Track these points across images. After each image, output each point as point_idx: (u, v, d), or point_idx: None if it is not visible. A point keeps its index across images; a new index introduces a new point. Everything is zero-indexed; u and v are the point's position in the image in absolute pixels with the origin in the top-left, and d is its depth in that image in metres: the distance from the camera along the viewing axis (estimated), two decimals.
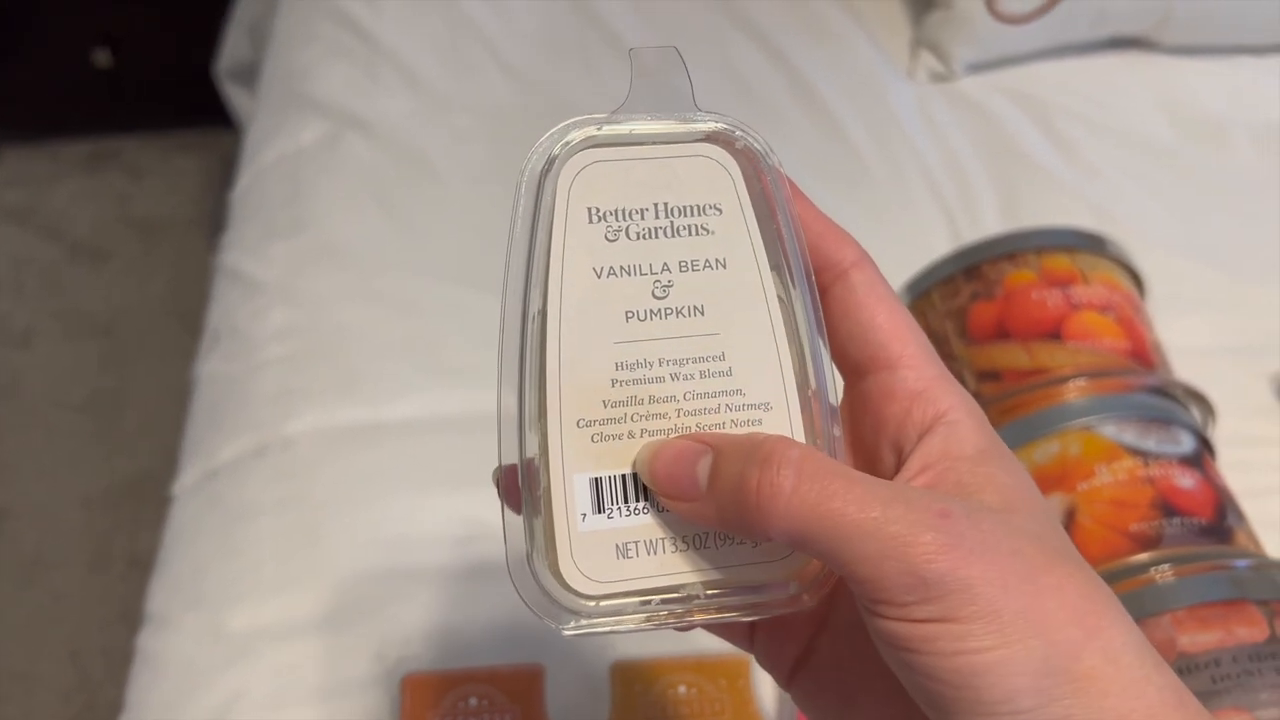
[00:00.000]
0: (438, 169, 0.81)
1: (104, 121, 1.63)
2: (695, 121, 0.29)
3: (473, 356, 0.69)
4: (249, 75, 1.13)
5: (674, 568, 0.26)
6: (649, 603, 0.26)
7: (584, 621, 0.26)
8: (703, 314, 0.27)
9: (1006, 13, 0.86)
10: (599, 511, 0.26)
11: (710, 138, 0.29)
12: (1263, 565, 0.48)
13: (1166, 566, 0.48)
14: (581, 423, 0.27)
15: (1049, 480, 0.51)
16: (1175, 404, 0.55)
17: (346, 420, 0.65)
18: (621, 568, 0.26)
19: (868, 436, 0.28)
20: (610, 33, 0.93)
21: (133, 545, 1.25)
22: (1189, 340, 0.66)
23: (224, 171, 0.98)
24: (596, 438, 0.27)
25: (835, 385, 0.28)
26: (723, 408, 0.27)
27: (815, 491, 0.23)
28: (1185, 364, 0.61)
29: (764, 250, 0.28)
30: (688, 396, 0.27)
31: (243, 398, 0.68)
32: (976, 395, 0.56)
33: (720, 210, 0.28)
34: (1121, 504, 0.50)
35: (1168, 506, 0.50)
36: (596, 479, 0.27)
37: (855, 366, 0.28)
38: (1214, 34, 0.90)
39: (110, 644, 1.18)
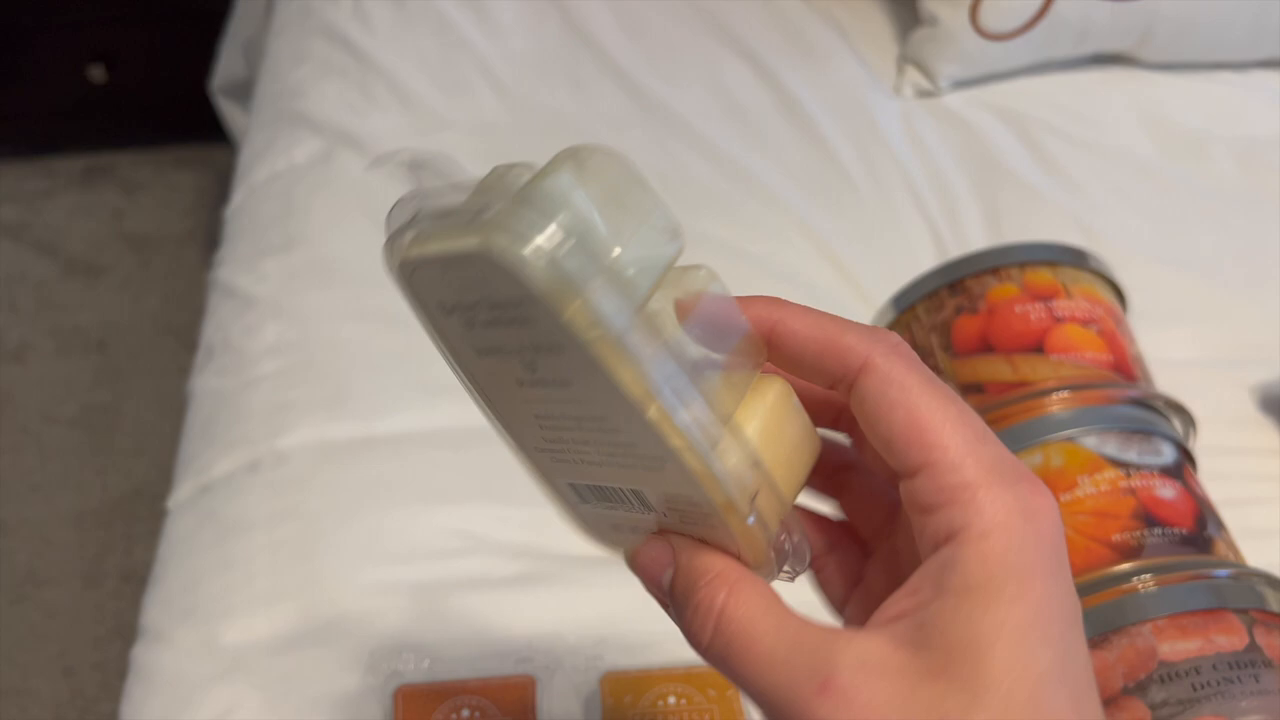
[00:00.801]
0: None
1: (99, 137, 1.64)
2: (483, 206, 0.26)
3: None
4: (243, 92, 1.14)
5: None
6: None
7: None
8: (569, 386, 0.26)
9: (990, 30, 0.88)
10: (585, 502, 0.31)
11: (491, 226, 0.25)
12: (1242, 574, 0.49)
13: (1148, 576, 0.48)
14: (538, 448, 0.30)
15: None
16: (1156, 416, 0.56)
17: (339, 435, 0.66)
18: (618, 538, 0.31)
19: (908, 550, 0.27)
20: (600, 53, 0.94)
21: (126, 561, 1.25)
22: (1171, 352, 0.67)
23: (219, 187, 0.99)
24: (555, 459, 0.30)
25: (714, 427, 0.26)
26: (626, 456, 0.27)
27: (722, 647, 0.25)
28: (1167, 376, 0.62)
29: (579, 319, 0.25)
30: (597, 445, 0.27)
31: (236, 413, 0.69)
32: None
33: (533, 300, 0.25)
34: (1103, 515, 0.51)
35: (1149, 517, 0.51)
36: (573, 484, 0.30)
37: (891, 469, 0.26)
38: (1194, 51, 0.92)
39: (104, 660, 1.18)
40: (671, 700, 0.52)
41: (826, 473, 0.30)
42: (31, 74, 1.55)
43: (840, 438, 0.30)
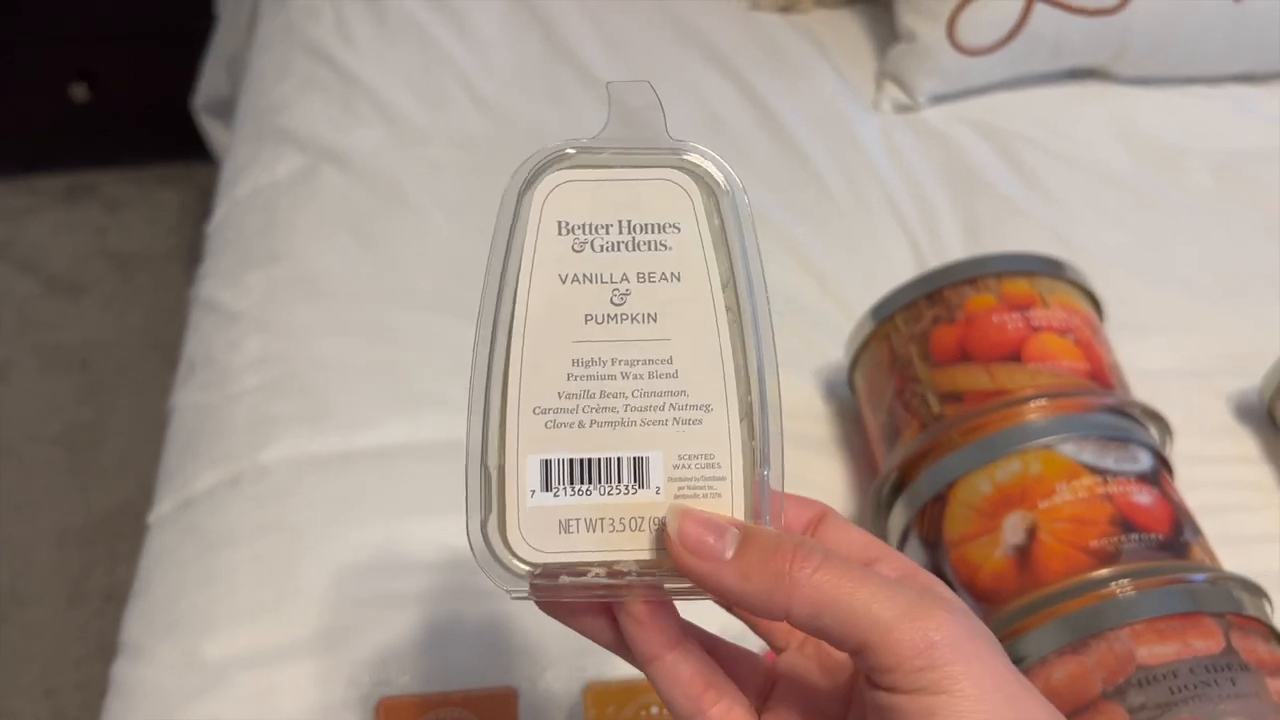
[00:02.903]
0: (412, 200, 0.83)
1: (82, 155, 1.64)
2: (664, 150, 0.32)
3: (446, 384, 0.70)
4: (226, 109, 1.14)
5: (612, 545, 0.30)
6: (585, 574, 0.30)
7: (520, 590, 0.30)
8: (655, 321, 0.30)
9: (967, 45, 0.89)
10: (546, 490, 0.30)
11: (675, 165, 0.32)
12: (1218, 579, 0.50)
13: (1126, 581, 0.49)
14: (537, 410, 0.30)
15: (1010, 499, 0.53)
16: (1133, 423, 0.57)
17: (321, 448, 0.66)
18: (564, 540, 0.30)
19: None
20: (581, 67, 0.95)
21: (109, 580, 1.24)
22: (1148, 362, 0.68)
23: (202, 205, 0.98)
24: (550, 424, 0.30)
25: (777, 392, 0.30)
26: (667, 406, 0.30)
27: (837, 571, 0.27)
28: (1145, 385, 0.62)
29: (716, 267, 0.31)
30: (635, 394, 0.30)
31: (218, 427, 0.69)
32: (939, 417, 0.57)
33: (678, 229, 0.31)
34: (1081, 521, 0.51)
35: (1126, 523, 0.51)
36: (546, 460, 0.30)
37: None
38: (1168, 66, 0.93)
39: (86, 680, 1.17)
40: (654, 710, 0.52)
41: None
42: (14, 92, 1.55)
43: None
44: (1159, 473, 0.55)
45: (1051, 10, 0.87)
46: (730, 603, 0.29)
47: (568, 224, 0.31)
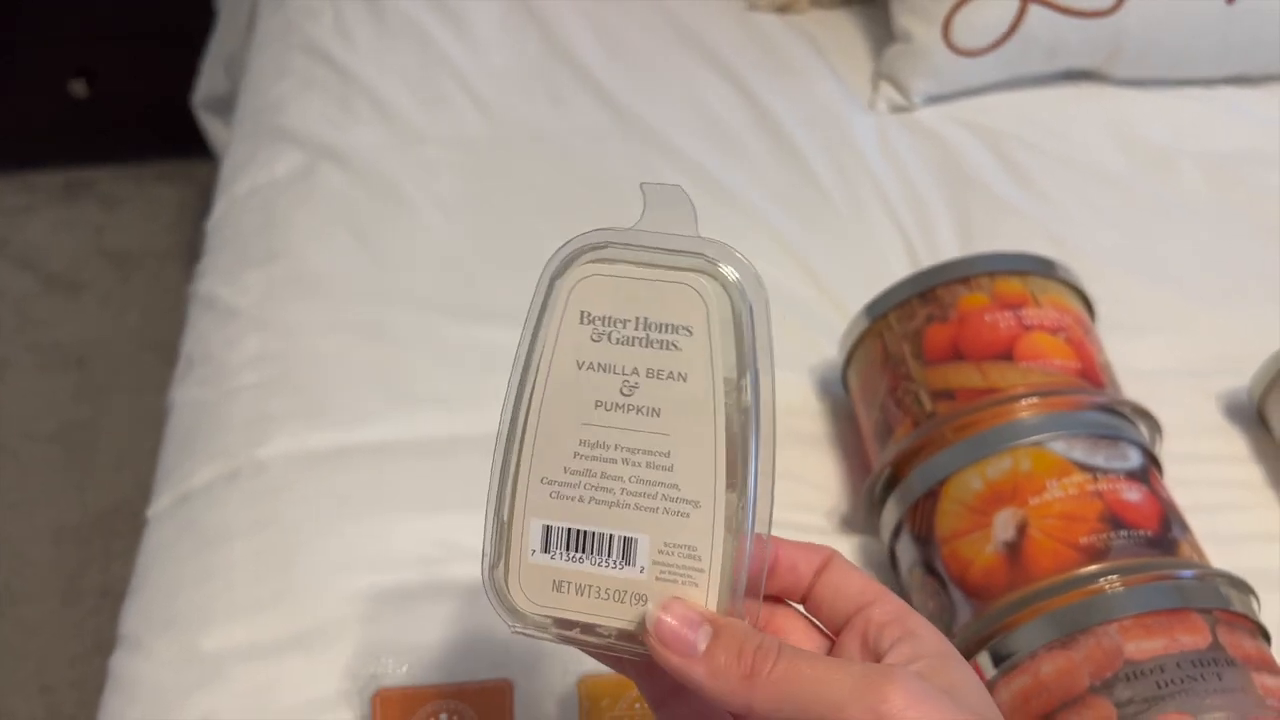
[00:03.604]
0: (409, 200, 0.83)
1: (80, 152, 1.64)
2: (692, 253, 0.33)
3: (442, 382, 0.70)
4: (225, 107, 1.15)
5: (597, 610, 0.33)
6: (570, 629, 0.33)
7: (519, 627, 0.33)
8: (658, 415, 0.33)
9: (962, 46, 0.89)
10: (545, 551, 0.33)
11: (701, 269, 0.33)
12: (1205, 575, 0.50)
13: (1115, 577, 0.49)
14: (545, 480, 0.33)
15: (1001, 495, 0.53)
16: (1123, 421, 0.57)
17: (318, 445, 0.66)
18: (555, 597, 0.33)
19: (853, 651, 0.34)
20: (580, 68, 0.95)
21: (105, 578, 1.25)
22: (1140, 362, 0.68)
23: (200, 202, 0.99)
24: (554, 495, 0.33)
25: (767, 491, 0.33)
26: (659, 495, 0.33)
27: (792, 664, 0.30)
28: (1136, 384, 0.63)
29: (722, 372, 0.33)
30: (632, 480, 0.33)
31: (216, 423, 0.69)
32: (932, 414, 0.58)
33: (690, 332, 0.33)
34: (1071, 517, 0.52)
35: (1115, 519, 0.52)
36: (548, 526, 0.33)
37: (845, 615, 0.34)
38: (1162, 67, 0.94)
39: (81, 677, 1.17)
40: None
41: None
42: (12, 89, 1.55)
43: None
44: (1148, 470, 0.55)
45: (1046, 12, 0.88)
46: (699, 694, 0.32)
47: (589, 315, 0.33)
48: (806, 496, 0.65)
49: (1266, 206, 0.86)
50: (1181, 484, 0.59)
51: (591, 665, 0.55)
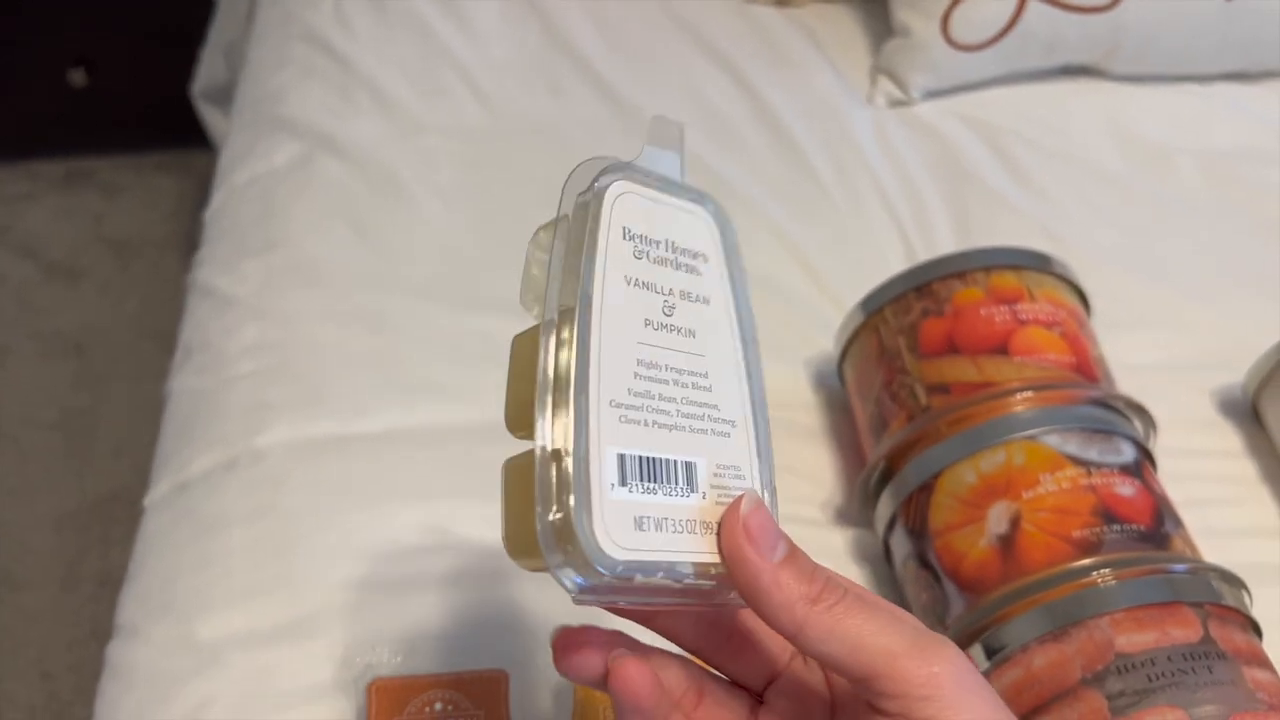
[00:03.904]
0: (409, 189, 0.83)
1: (80, 141, 1.64)
2: (687, 187, 0.35)
3: (440, 372, 0.70)
4: (225, 96, 1.15)
5: (673, 546, 0.30)
6: (654, 573, 0.29)
7: (592, 585, 0.28)
8: (694, 337, 0.33)
9: (961, 41, 0.89)
10: (623, 484, 0.29)
11: (699, 203, 0.35)
12: (1198, 569, 0.51)
13: (1107, 571, 0.50)
14: (614, 403, 0.30)
15: (995, 488, 0.53)
16: (1117, 416, 0.58)
17: (316, 434, 0.67)
18: (638, 537, 0.29)
19: None
20: (580, 60, 0.95)
21: (104, 564, 1.25)
22: (1134, 357, 0.69)
23: (200, 192, 0.99)
24: (623, 419, 0.30)
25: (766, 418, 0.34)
26: (705, 416, 0.32)
27: (854, 605, 0.30)
28: (1131, 379, 0.63)
29: (730, 297, 0.35)
30: (684, 401, 0.32)
31: (214, 411, 0.69)
32: (927, 408, 0.58)
33: (707, 259, 0.35)
34: (1064, 511, 0.52)
35: (1108, 514, 0.52)
36: (623, 455, 0.29)
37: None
38: (1160, 64, 0.94)
39: (80, 663, 1.18)
40: None
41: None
42: (12, 78, 1.55)
43: None
44: (1142, 465, 0.56)
45: (1045, 8, 0.88)
46: (754, 605, 0.30)
47: (630, 231, 0.32)
48: (801, 489, 0.65)
49: (1264, 203, 0.86)
50: (1175, 479, 0.59)
51: None
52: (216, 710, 0.55)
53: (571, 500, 0.28)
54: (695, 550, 0.30)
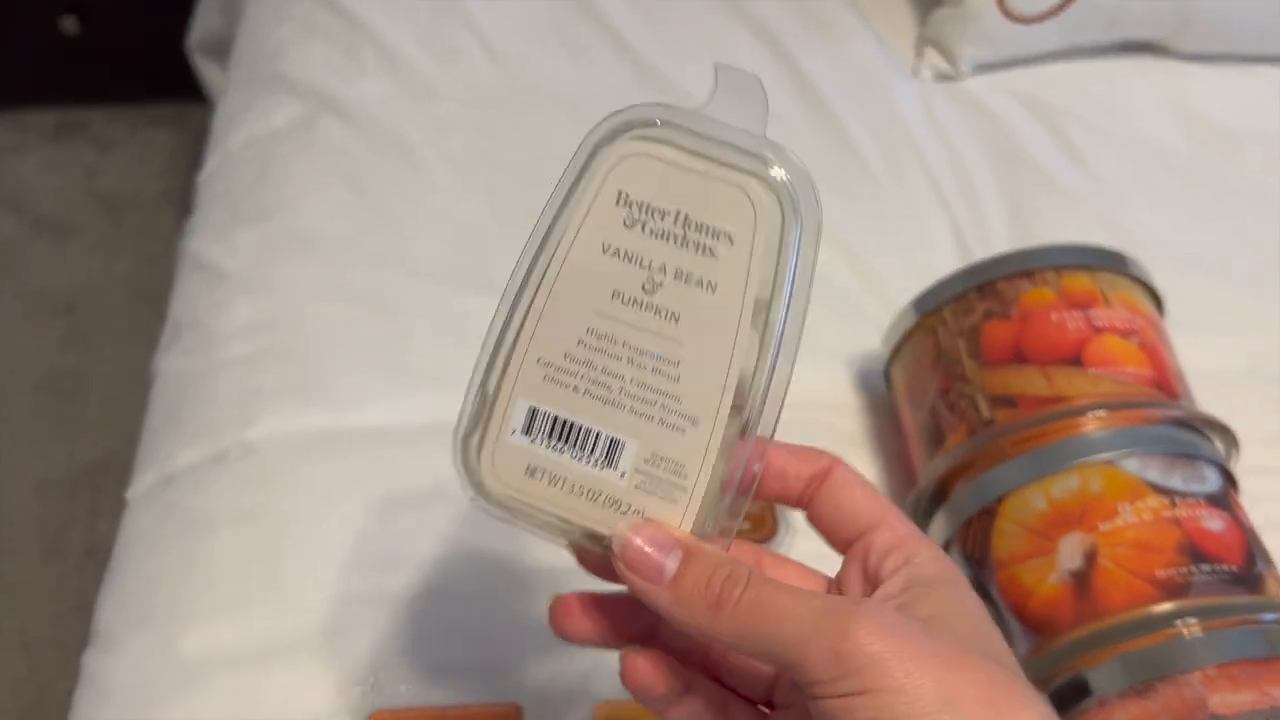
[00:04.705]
0: (418, 157, 0.77)
1: (71, 91, 1.58)
2: (752, 154, 0.31)
3: (447, 360, 0.64)
4: (222, 50, 1.08)
5: (566, 504, 0.31)
6: (534, 517, 0.32)
7: (481, 501, 0.32)
8: (676, 321, 0.31)
9: (1017, 12, 0.83)
10: (526, 434, 0.31)
11: (757, 173, 0.31)
12: None
13: (1193, 620, 0.44)
14: (541, 361, 0.31)
15: (1069, 518, 0.48)
16: (1200, 438, 0.52)
17: (312, 426, 0.61)
18: (525, 482, 0.32)
19: (854, 581, 0.33)
20: (604, 25, 0.89)
21: (90, 535, 1.21)
22: (1200, 362, 0.63)
23: (196, 147, 0.93)
24: (548, 379, 0.31)
25: (771, 421, 0.31)
26: (658, 404, 0.31)
27: (757, 598, 0.29)
28: (1197, 388, 0.58)
29: (754, 290, 0.31)
30: (633, 382, 0.31)
31: (203, 397, 0.64)
32: (990, 422, 0.53)
33: (732, 241, 0.31)
34: (1146, 547, 0.47)
35: (1195, 551, 0.47)
36: (534, 409, 0.31)
37: (847, 538, 0.33)
38: (1233, 43, 0.87)
39: (63, 636, 1.14)
40: None
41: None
42: (1, 23, 1.49)
43: None
44: (1228, 494, 0.50)
45: None
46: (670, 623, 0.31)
47: (627, 197, 0.31)
48: None
49: None
50: (1254, 500, 0.54)
51: (608, 691, 0.50)
52: None
53: (467, 427, 0.32)
54: (590, 518, 0.31)
